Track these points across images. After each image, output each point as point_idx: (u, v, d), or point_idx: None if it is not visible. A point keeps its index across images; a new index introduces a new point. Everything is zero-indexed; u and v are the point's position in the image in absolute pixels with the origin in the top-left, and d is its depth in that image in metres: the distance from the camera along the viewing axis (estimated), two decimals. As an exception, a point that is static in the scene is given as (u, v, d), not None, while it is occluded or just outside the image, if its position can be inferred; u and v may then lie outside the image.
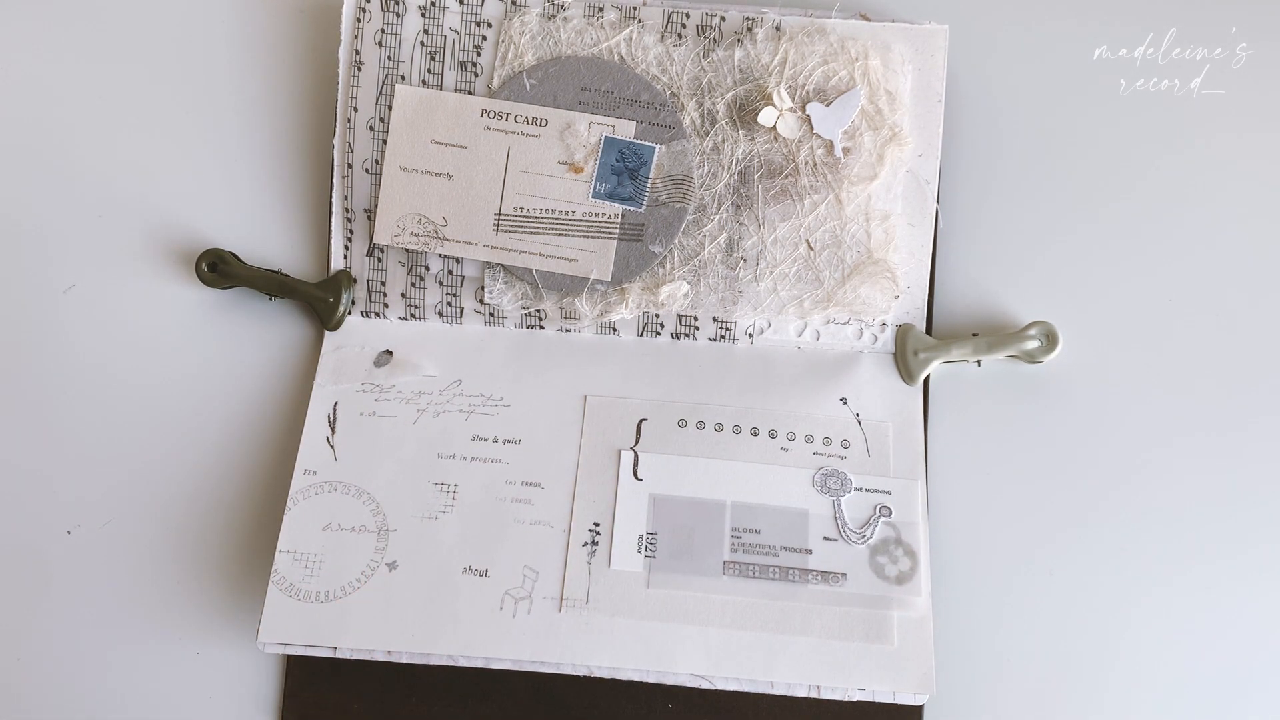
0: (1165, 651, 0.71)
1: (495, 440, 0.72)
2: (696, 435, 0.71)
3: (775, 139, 0.72)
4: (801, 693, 0.68)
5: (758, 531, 0.70)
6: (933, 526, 0.72)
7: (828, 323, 0.73)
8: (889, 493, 0.71)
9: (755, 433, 0.71)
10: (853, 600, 0.69)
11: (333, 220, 0.74)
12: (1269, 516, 0.72)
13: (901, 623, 0.69)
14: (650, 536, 0.70)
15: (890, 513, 0.70)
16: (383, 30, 0.73)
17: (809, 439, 0.71)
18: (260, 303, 0.75)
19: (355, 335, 0.74)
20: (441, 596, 0.69)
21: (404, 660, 0.69)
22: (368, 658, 0.69)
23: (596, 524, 0.70)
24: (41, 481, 0.74)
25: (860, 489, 0.70)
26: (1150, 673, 0.70)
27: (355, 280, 0.74)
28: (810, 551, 0.70)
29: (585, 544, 0.70)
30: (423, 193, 0.73)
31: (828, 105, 0.72)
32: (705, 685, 0.69)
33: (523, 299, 0.73)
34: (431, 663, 0.69)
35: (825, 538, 0.70)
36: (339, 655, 0.69)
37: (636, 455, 0.71)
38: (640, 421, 0.72)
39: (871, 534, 0.70)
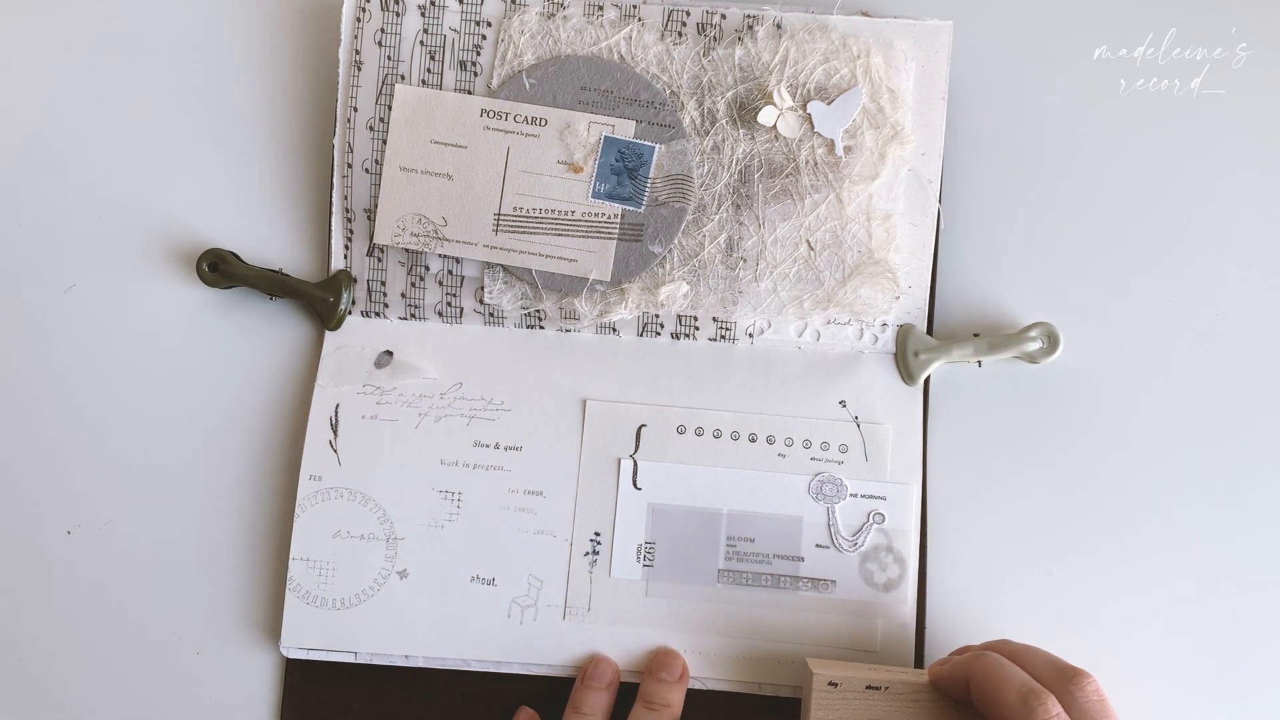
0: (1166, 652, 0.71)
1: (497, 446, 0.72)
2: (695, 442, 0.72)
3: (776, 138, 0.72)
4: (788, 694, 0.70)
5: (752, 540, 0.71)
6: (932, 527, 0.72)
7: (828, 323, 0.73)
8: (884, 498, 0.71)
9: (754, 439, 0.72)
10: (840, 608, 0.70)
11: (333, 220, 0.74)
12: (1271, 517, 0.72)
13: (885, 629, 0.70)
14: (649, 546, 0.71)
15: (884, 519, 0.71)
16: (382, 30, 0.73)
17: (807, 444, 0.72)
18: (260, 302, 0.75)
19: (356, 335, 0.74)
20: (452, 605, 0.71)
21: (420, 664, 0.70)
22: (386, 662, 0.70)
23: (597, 534, 0.71)
24: (41, 481, 0.74)
25: (855, 495, 0.71)
26: (1150, 673, 0.71)
27: (355, 280, 0.74)
28: (802, 559, 0.70)
29: (586, 553, 0.71)
30: (423, 193, 0.72)
31: (829, 104, 0.71)
32: (700, 687, 0.70)
33: (522, 299, 0.73)
34: (446, 667, 0.70)
35: (818, 545, 0.71)
36: (359, 660, 0.71)
37: (636, 464, 0.71)
38: (640, 428, 0.72)
39: (864, 541, 0.70)
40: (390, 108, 0.73)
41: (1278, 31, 0.75)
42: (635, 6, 0.73)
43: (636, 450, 0.72)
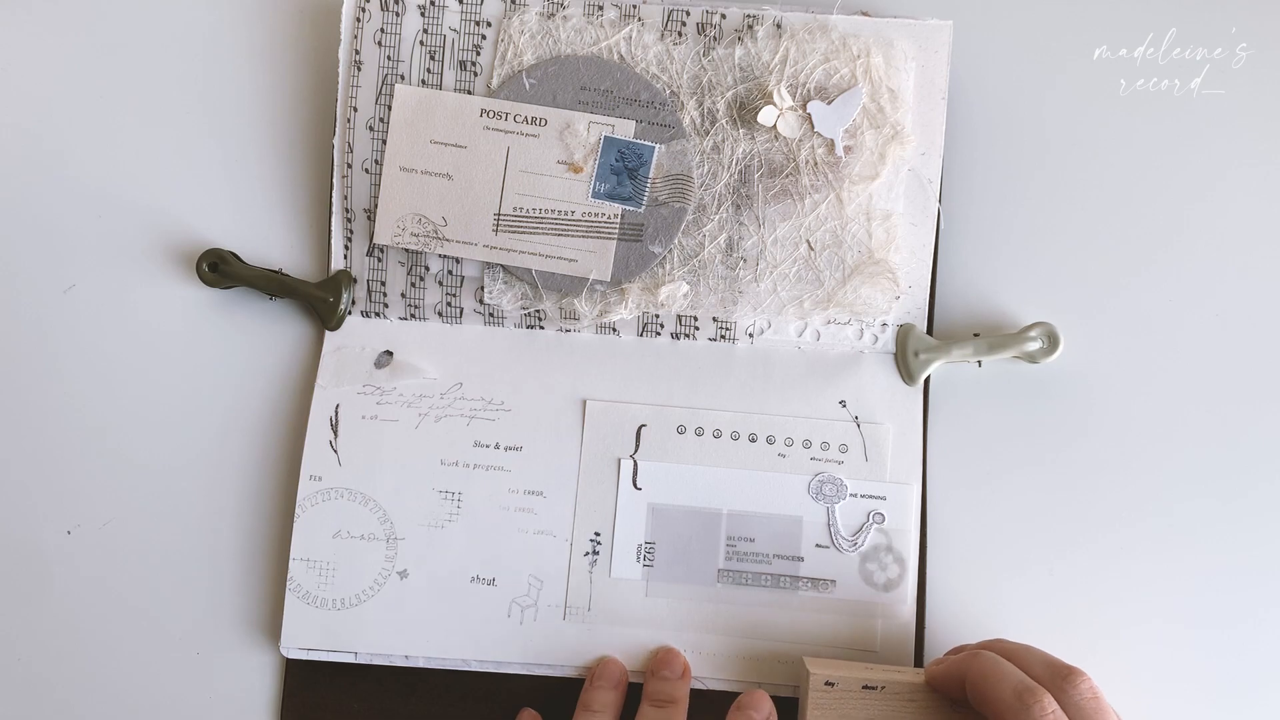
0: (1166, 650, 0.71)
1: (497, 447, 0.72)
2: (695, 442, 0.72)
3: (776, 138, 0.72)
4: (787, 694, 0.70)
5: (752, 540, 0.71)
6: (932, 527, 0.72)
7: (828, 323, 0.73)
8: (884, 498, 0.71)
9: (754, 439, 0.72)
10: (840, 608, 0.70)
11: (333, 220, 0.74)
12: (1271, 517, 0.72)
13: (885, 629, 0.70)
14: (649, 546, 0.71)
15: (884, 519, 0.71)
16: (382, 30, 0.73)
17: (806, 444, 0.72)
18: (261, 302, 0.75)
19: (356, 335, 0.74)
20: (453, 605, 0.71)
21: (420, 665, 0.70)
22: (386, 662, 0.71)
23: (597, 534, 0.71)
24: (41, 481, 0.74)
25: (855, 495, 0.71)
26: (1151, 671, 0.71)
27: (355, 280, 0.74)
28: (802, 559, 0.71)
29: (587, 554, 0.71)
30: (422, 193, 0.72)
31: (829, 103, 0.71)
32: (700, 686, 0.70)
33: (522, 299, 0.73)
34: (446, 667, 0.71)
35: (818, 545, 0.71)
36: (359, 660, 0.71)
37: (636, 464, 0.71)
38: (640, 428, 0.72)
39: (863, 541, 0.71)
40: (390, 108, 0.73)
41: (1278, 31, 0.75)
42: (635, 6, 0.73)
43: (636, 450, 0.72)
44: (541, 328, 0.74)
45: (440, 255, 0.73)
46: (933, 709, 0.64)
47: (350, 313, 0.74)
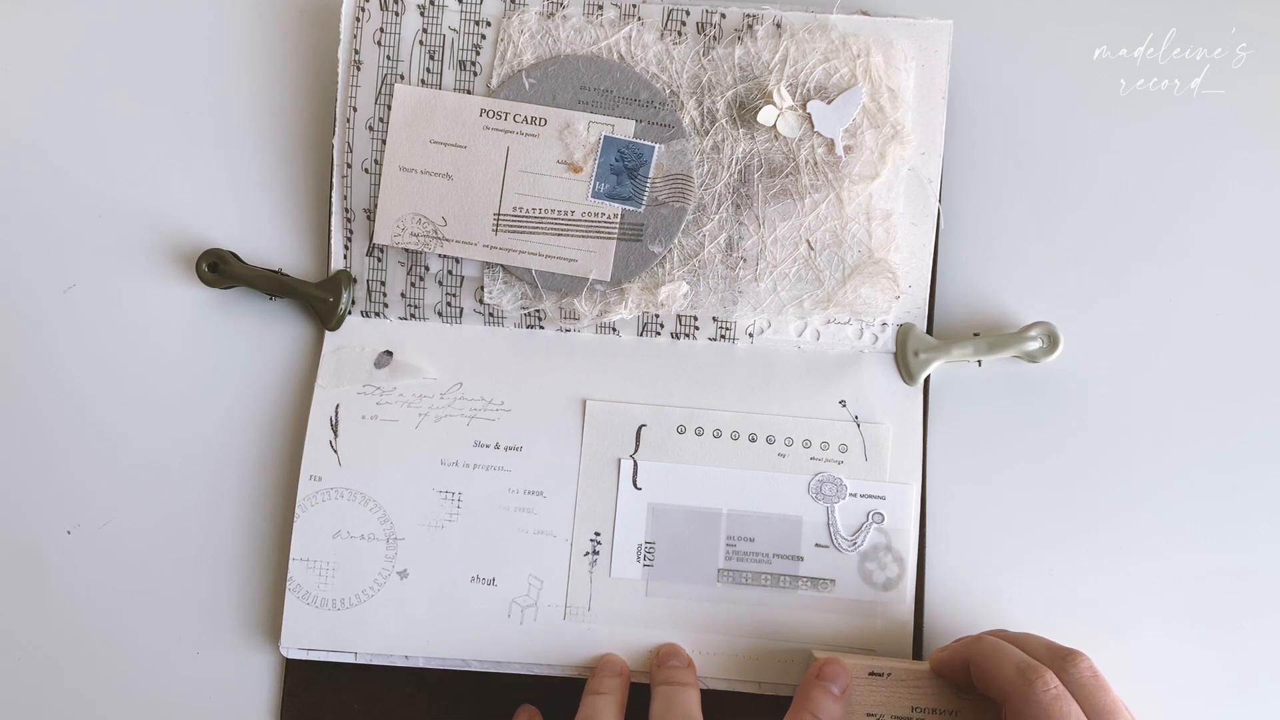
0: (1166, 650, 0.71)
1: (497, 447, 0.72)
2: (695, 442, 0.72)
3: (775, 138, 0.72)
4: (787, 693, 0.70)
5: (752, 539, 0.71)
6: (932, 527, 0.72)
7: (828, 323, 0.73)
8: (883, 498, 0.71)
9: (753, 439, 0.72)
10: (839, 607, 0.70)
11: (333, 220, 0.74)
12: (1270, 516, 0.72)
13: (884, 628, 0.70)
14: (649, 546, 0.71)
15: (883, 519, 0.71)
16: (382, 29, 0.73)
17: (806, 443, 0.72)
18: (260, 303, 0.75)
19: (355, 335, 0.74)
20: (452, 605, 0.71)
21: (420, 665, 0.70)
22: (386, 663, 0.71)
23: (597, 534, 0.71)
24: (41, 481, 0.74)
25: (855, 494, 0.71)
26: (1150, 672, 0.71)
27: (355, 280, 0.74)
28: (801, 559, 0.71)
29: (587, 553, 0.71)
30: (422, 193, 0.72)
31: (829, 103, 0.71)
32: (700, 686, 0.70)
33: (522, 299, 0.73)
34: (447, 667, 0.70)
35: (817, 544, 0.71)
36: (359, 660, 0.71)
37: (636, 464, 0.71)
38: (640, 428, 0.72)
39: (863, 541, 0.71)
40: (390, 107, 0.73)
41: (1278, 31, 0.75)
42: (635, 6, 0.73)
43: (636, 450, 0.72)
44: (541, 328, 0.74)
45: (440, 255, 0.73)
46: (937, 693, 0.65)
47: (350, 313, 0.74)
